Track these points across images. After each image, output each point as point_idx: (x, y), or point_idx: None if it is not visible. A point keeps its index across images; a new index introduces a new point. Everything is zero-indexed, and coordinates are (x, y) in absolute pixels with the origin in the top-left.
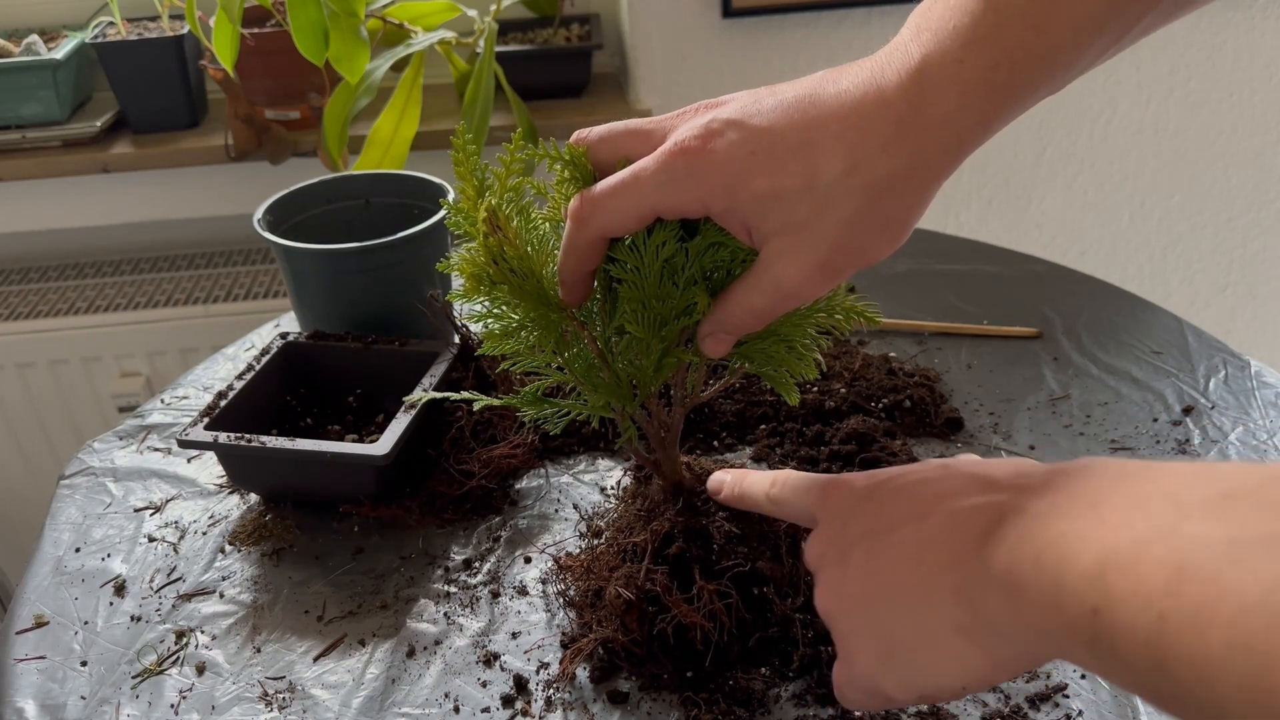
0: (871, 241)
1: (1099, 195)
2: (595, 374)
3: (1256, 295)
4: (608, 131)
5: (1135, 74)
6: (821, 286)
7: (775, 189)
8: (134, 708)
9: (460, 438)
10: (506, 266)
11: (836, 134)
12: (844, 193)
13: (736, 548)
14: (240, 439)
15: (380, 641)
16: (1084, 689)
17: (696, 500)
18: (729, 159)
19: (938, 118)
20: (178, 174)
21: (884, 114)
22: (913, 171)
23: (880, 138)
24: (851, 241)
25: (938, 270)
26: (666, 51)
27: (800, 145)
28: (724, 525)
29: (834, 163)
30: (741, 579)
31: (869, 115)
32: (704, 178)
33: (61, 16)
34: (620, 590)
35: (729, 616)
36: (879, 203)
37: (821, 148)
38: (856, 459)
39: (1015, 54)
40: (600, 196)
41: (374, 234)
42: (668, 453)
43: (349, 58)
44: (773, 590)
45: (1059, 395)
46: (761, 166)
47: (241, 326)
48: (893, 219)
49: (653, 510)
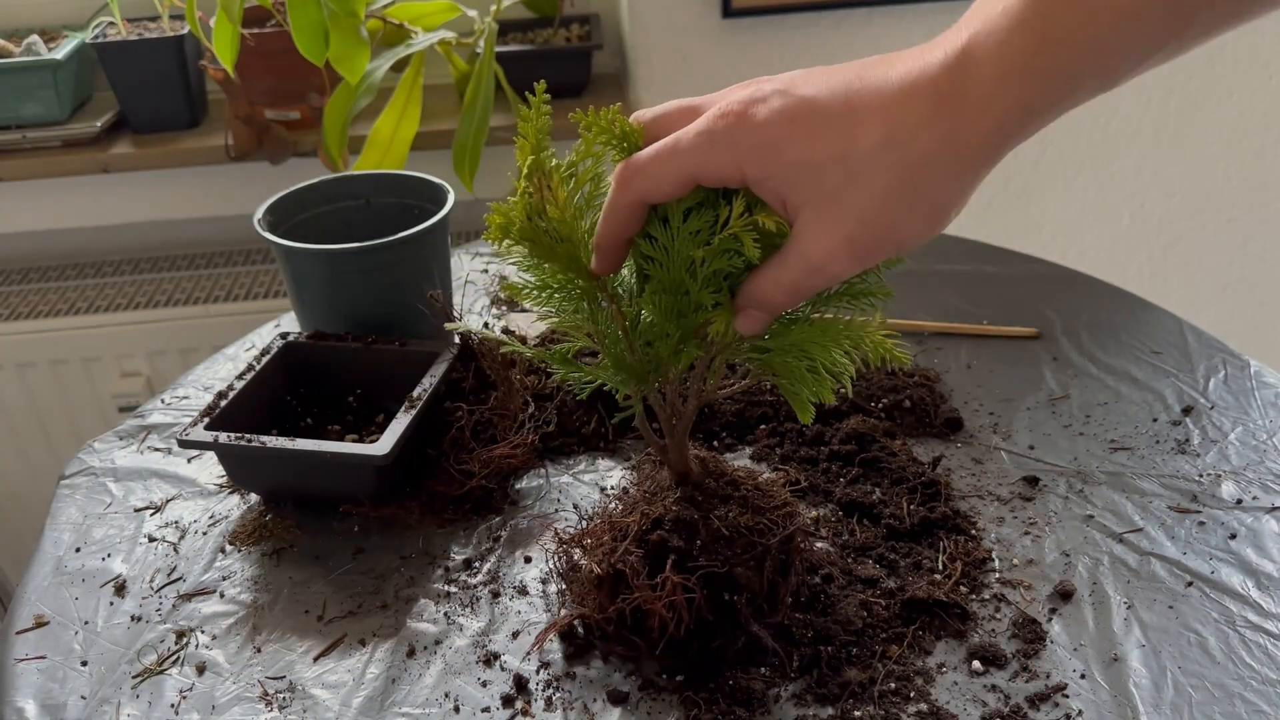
0: (902, 220)
1: (1099, 195)
2: (619, 347)
3: (1256, 295)
4: (663, 110)
5: None
6: (849, 264)
7: (809, 156)
8: (134, 708)
9: (460, 438)
10: (541, 225)
11: (877, 108)
12: (877, 166)
13: (721, 549)
14: (240, 439)
15: (380, 641)
16: (1084, 689)
17: (698, 494)
18: (768, 123)
19: (978, 98)
20: (178, 174)
21: (926, 92)
22: (950, 151)
23: (920, 114)
24: (880, 218)
25: (938, 270)
26: (666, 51)
27: (840, 115)
28: (716, 524)
29: (871, 134)
30: (715, 581)
31: (911, 92)
32: (742, 141)
33: (62, 16)
34: (594, 565)
35: (689, 613)
36: (912, 180)
37: (861, 120)
38: (856, 459)
39: (1061, 37)
40: (642, 160)
41: (374, 234)
42: (677, 441)
43: (349, 58)
44: (744, 601)
45: (1059, 395)
46: (799, 133)
47: (242, 326)
48: (924, 199)
49: (656, 494)
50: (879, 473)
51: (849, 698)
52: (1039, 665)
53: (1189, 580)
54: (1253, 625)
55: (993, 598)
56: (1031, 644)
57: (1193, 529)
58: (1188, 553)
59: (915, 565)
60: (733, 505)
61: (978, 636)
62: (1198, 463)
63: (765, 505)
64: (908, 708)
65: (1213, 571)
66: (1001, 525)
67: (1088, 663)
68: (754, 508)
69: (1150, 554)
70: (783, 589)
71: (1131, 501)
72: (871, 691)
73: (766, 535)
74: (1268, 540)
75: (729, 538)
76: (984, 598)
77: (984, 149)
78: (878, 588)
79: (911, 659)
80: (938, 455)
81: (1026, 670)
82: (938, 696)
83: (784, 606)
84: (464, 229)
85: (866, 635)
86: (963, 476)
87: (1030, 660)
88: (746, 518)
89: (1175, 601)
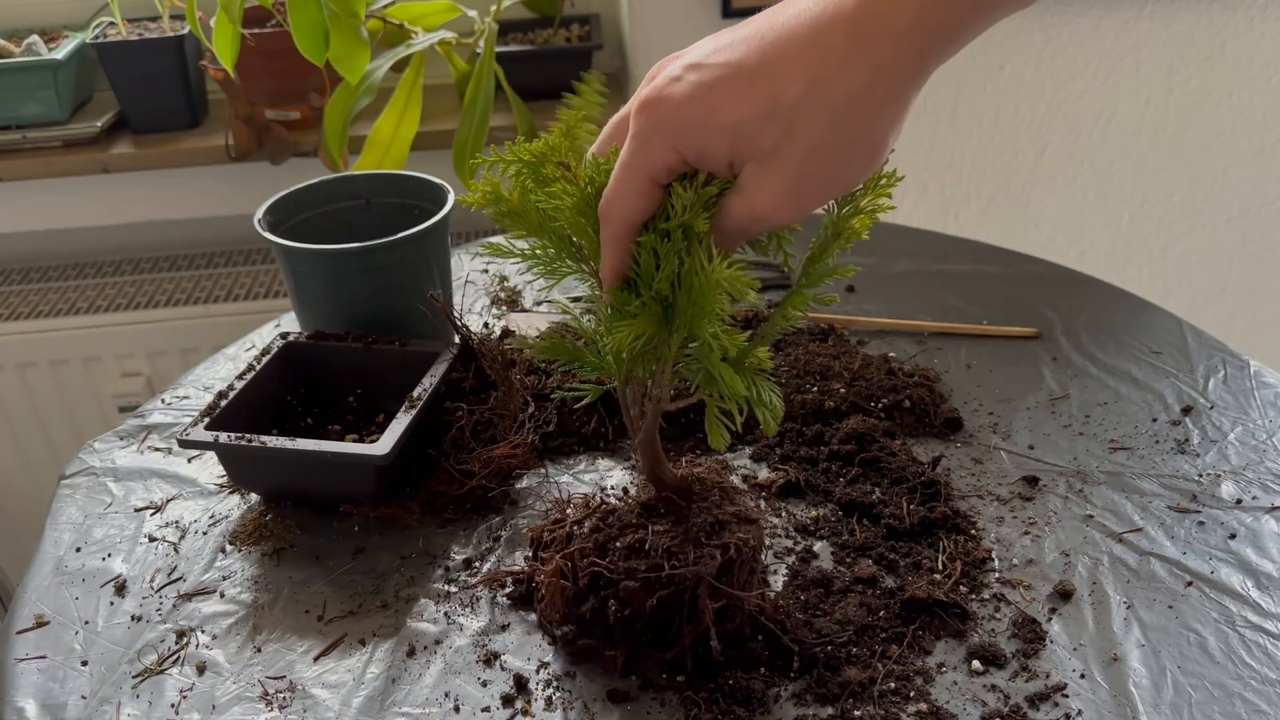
0: (842, 161)
1: (1099, 195)
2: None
3: (1256, 295)
4: (604, 135)
5: (1135, 74)
6: (796, 210)
7: (739, 118)
8: (134, 707)
9: (460, 438)
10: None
11: (794, 55)
12: (806, 114)
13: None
14: (240, 439)
15: (380, 641)
16: (1083, 689)
17: (661, 504)
18: (688, 100)
19: (897, 28)
20: (178, 174)
21: (842, 28)
22: (874, 85)
23: (839, 53)
24: (820, 164)
25: (938, 270)
26: (666, 52)
27: (759, 70)
28: (642, 536)
29: (794, 84)
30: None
31: (826, 31)
32: (668, 126)
33: (62, 17)
34: (536, 534)
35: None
36: (844, 120)
37: (780, 71)
38: (856, 459)
39: None
40: (608, 194)
41: (374, 234)
42: (642, 446)
43: (349, 58)
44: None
45: (1058, 395)
46: (722, 98)
47: (242, 326)
48: (861, 136)
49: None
50: (879, 473)
51: (849, 697)
52: (1039, 665)
53: (1189, 580)
54: (1252, 625)
55: (992, 598)
56: (1031, 644)
57: (1192, 529)
58: (1187, 553)
59: (915, 565)
60: (680, 528)
61: (977, 636)
62: (1197, 463)
63: (706, 542)
64: (908, 707)
65: (1212, 571)
66: (1001, 525)
67: (1087, 662)
68: (696, 540)
69: (1150, 554)
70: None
71: (1131, 501)
72: (871, 691)
73: (680, 566)
74: (1267, 540)
75: (645, 553)
76: (984, 598)
77: (909, 77)
78: (877, 587)
79: (911, 659)
80: (937, 455)
81: (1026, 670)
82: (937, 696)
83: (681, 644)
84: (464, 229)
85: (866, 635)
86: (962, 476)
87: (1030, 660)
88: (677, 543)
89: (1175, 601)
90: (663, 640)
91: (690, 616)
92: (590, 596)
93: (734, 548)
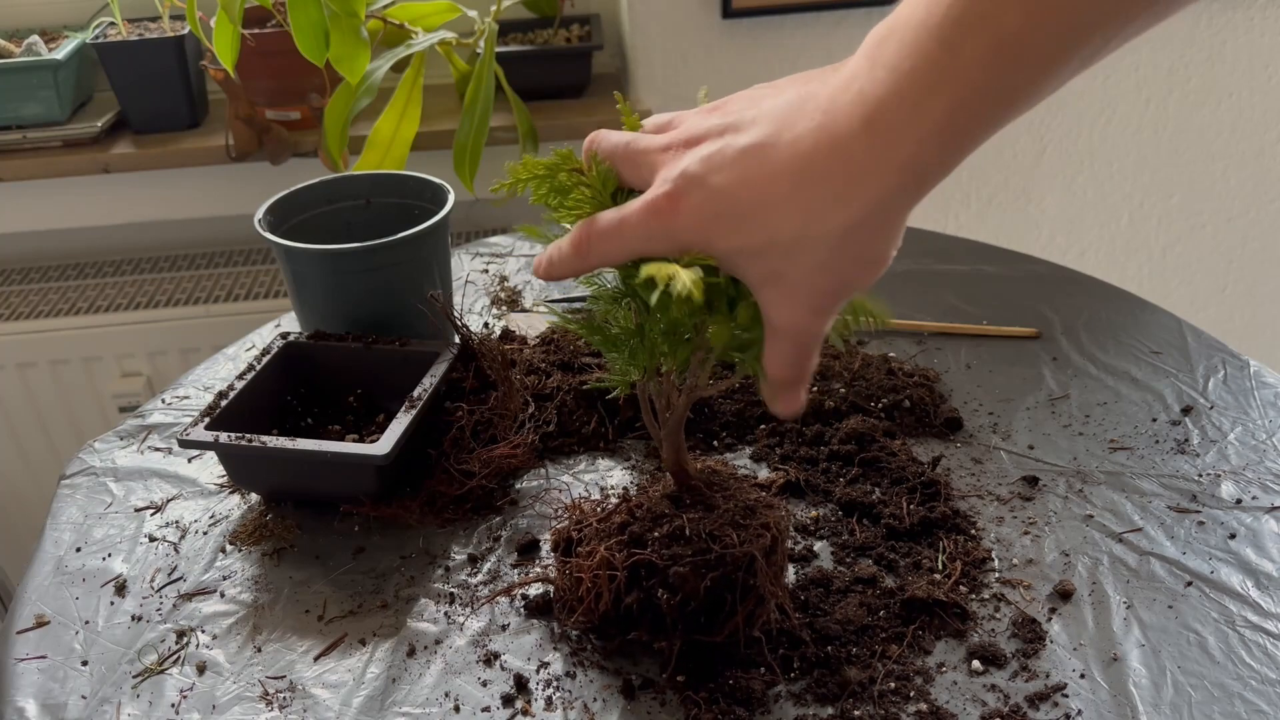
0: (852, 276)
1: (1099, 195)
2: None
3: (1256, 295)
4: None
5: (1135, 74)
6: (820, 321)
7: (742, 247)
8: (135, 707)
9: (460, 438)
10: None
11: (787, 193)
12: (806, 246)
13: (678, 548)
14: (241, 439)
15: (381, 641)
16: (1083, 689)
17: (686, 495)
18: (696, 222)
19: (896, 163)
20: (178, 174)
21: (838, 162)
22: (869, 217)
23: (833, 188)
24: (830, 282)
25: (938, 270)
26: (666, 52)
27: (755, 206)
28: (681, 524)
29: (789, 222)
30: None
31: (821, 166)
32: (677, 238)
33: (62, 17)
34: (559, 536)
35: (609, 590)
36: (845, 247)
37: (774, 208)
38: (856, 459)
39: (973, 99)
40: (595, 236)
41: (374, 234)
42: (668, 435)
43: (349, 58)
44: (672, 601)
45: (1058, 395)
46: (725, 229)
47: (242, 326)
48: (863, 256)
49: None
50: (879, 472)
51: (849, 697)
52: (1038, 665)
53: (1188, 580)
54: (1252, 625)
55: (992, 597)
56: (1031, 644)
57: (1192, 529)
58: (1187, 552)
59: (915, 565)
60: (714, 514)
61: (977, 636)
62: (1197, 462)
63: (745, 523)
64: (907, 707)
65: (1212, 571)
66: (1001, 525)
67: (1087, 662)
68: (734, 522)
69: (1150, 554)
70: (738, 608)
71: (1131, 501)
72: (871, 691)
73: (730, 547)
74: (1267, 540)
75: (688, 539)
76: (984, 597)
77: (907, 201)
78: (877, 587)
79: (911, 659)
80: (937, 455)
81: (1026, 670)
82: (937, 696)
83: (732, 626)
84: (464, 229)
85: (866, 635)
86: (962, 476)
87: (1030, 660)
88: (717, 526)
89: (1175, 601)
90: (711, 626)
91: (744, 596)
92: (634, 589)
93: (774, 525)
